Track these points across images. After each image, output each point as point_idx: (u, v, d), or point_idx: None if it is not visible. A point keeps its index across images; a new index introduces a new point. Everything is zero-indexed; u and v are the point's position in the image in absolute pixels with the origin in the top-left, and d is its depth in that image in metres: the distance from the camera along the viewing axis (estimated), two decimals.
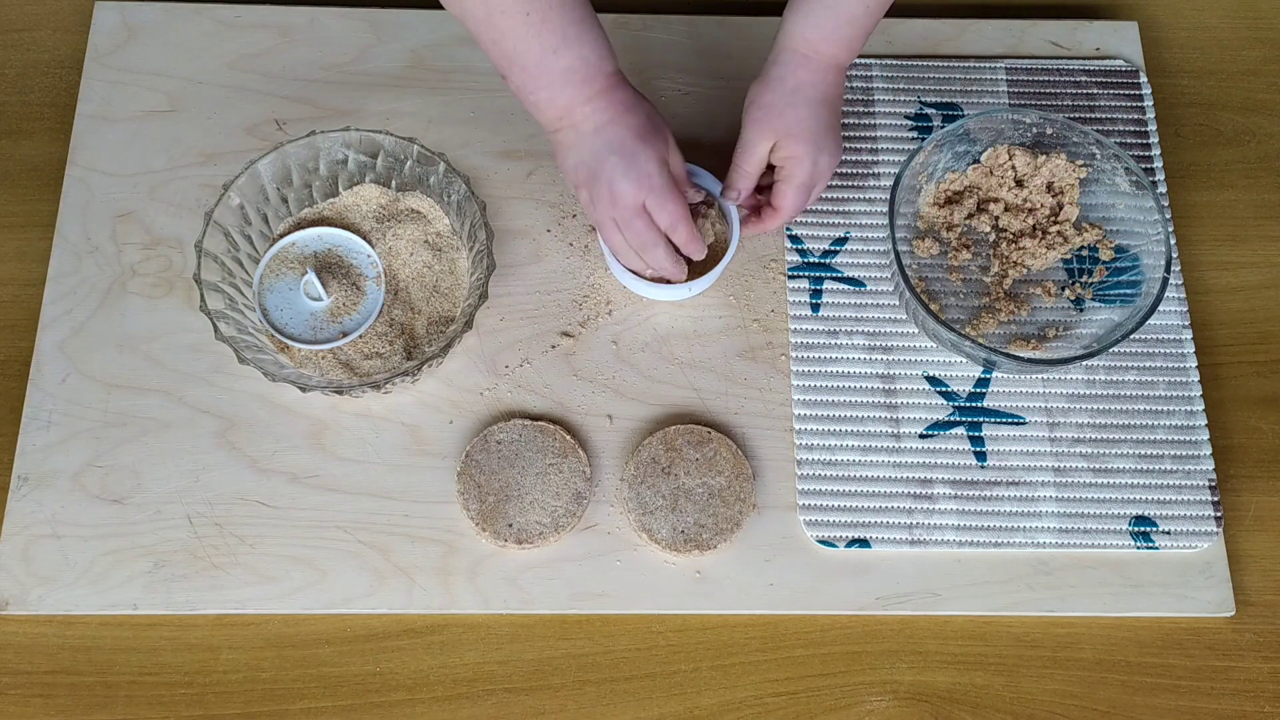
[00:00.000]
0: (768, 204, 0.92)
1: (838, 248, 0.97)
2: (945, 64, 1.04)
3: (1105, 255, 0.95)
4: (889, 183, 0.99)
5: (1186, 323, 0.95)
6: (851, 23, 0.85)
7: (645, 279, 0.91)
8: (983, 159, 0.96)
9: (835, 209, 0.98)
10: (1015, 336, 0.94)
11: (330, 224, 0.94)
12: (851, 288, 0.96)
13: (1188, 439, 0.92)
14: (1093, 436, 0.92)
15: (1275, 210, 1.02)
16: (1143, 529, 0.89)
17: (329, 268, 0.92)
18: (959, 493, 0.90)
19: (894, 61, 1.03)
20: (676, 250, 0.88)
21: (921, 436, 0.91)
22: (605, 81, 0.83)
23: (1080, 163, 0.94)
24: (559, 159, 0.87)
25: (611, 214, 0.85)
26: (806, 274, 0.96)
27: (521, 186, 0.98)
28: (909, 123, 1.02)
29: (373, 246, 0.93)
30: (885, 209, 0.96)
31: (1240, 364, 0.96)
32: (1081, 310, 0.94)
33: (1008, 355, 0.87)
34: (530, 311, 0.94)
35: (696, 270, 0.92)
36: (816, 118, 0.88)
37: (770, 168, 0.91)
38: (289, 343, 0.89)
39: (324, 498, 0.88)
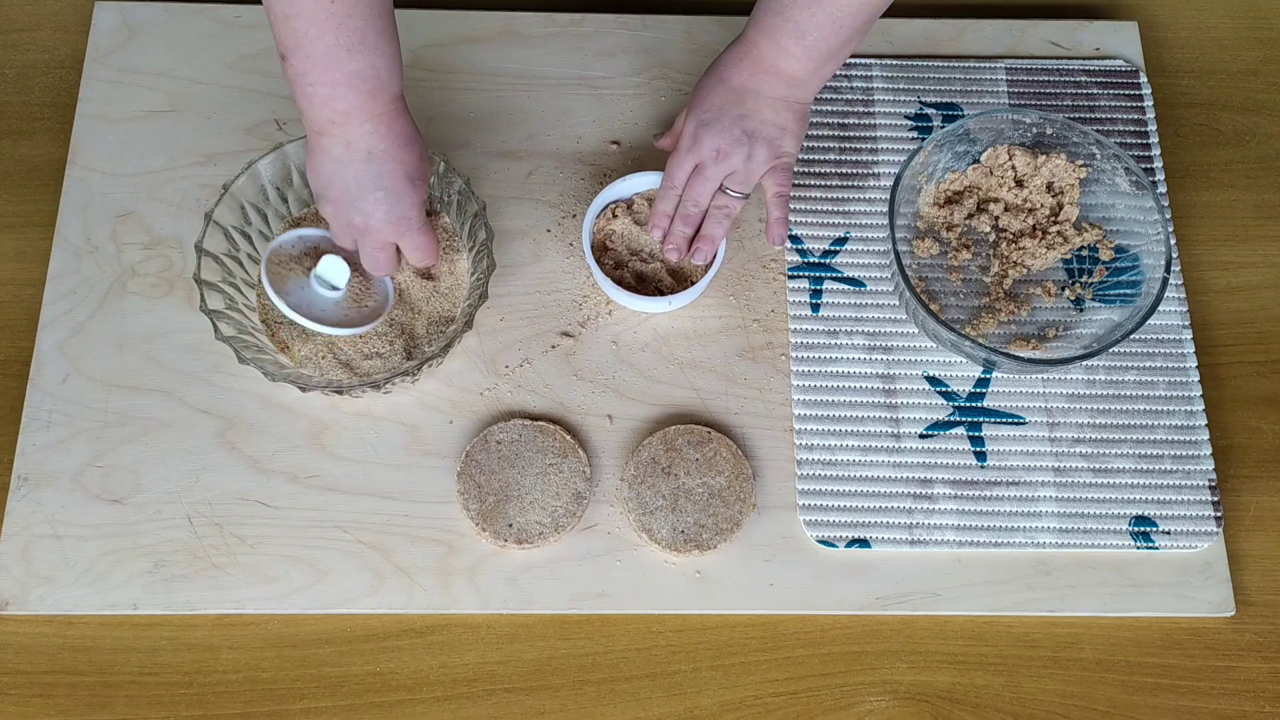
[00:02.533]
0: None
1: (838, 248, 0.97)
2: (945, 64, 1.04)
3: (1105, 255, 0.95)
4: (889, 183, 0.99)
5: (1186, 323, 0.95)
6: (779, 12, 0.85)
7: (630, 290, 0.91)
8: (983, 159, 0.96)
9: (835, 209, 0.98)
10: (1015, 336, 0.94)
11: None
12: (851, 288, 0.96)
13: (1188, 439, 0.92)
14: (1093, 436, 0.92)
15: (1275, 210, 1.02)
16: (1143, 529, 0.89)
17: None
18: (959, 493, 0.90)
19: (894, 61, 1.04)
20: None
21: (921, 436, 0.91)
22: (389, 103, 0.79)
23: (1080, 163, 0.94)
24: (311, 161, 0.82)
25: (354, 235, 0.85)
26: (806, 274, 0.96)
27: (521, 186, 0.98)
28: (909, 123, 1.02)
29: None
30: (885, 209, 0.96)
31: (1240, 364, 0.96)
32: (1081, 310, 0.94)
33: (1008, 355, 0.87)
34: (530, 311, 0.94)
35: (683, 283, 0.93)
36: (709, 87, 0.90)
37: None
38: (319, 328, 0.87)
39: (324, 498, 0.88)
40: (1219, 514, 0.90)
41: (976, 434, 0.92)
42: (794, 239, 0.97)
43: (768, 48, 0.86)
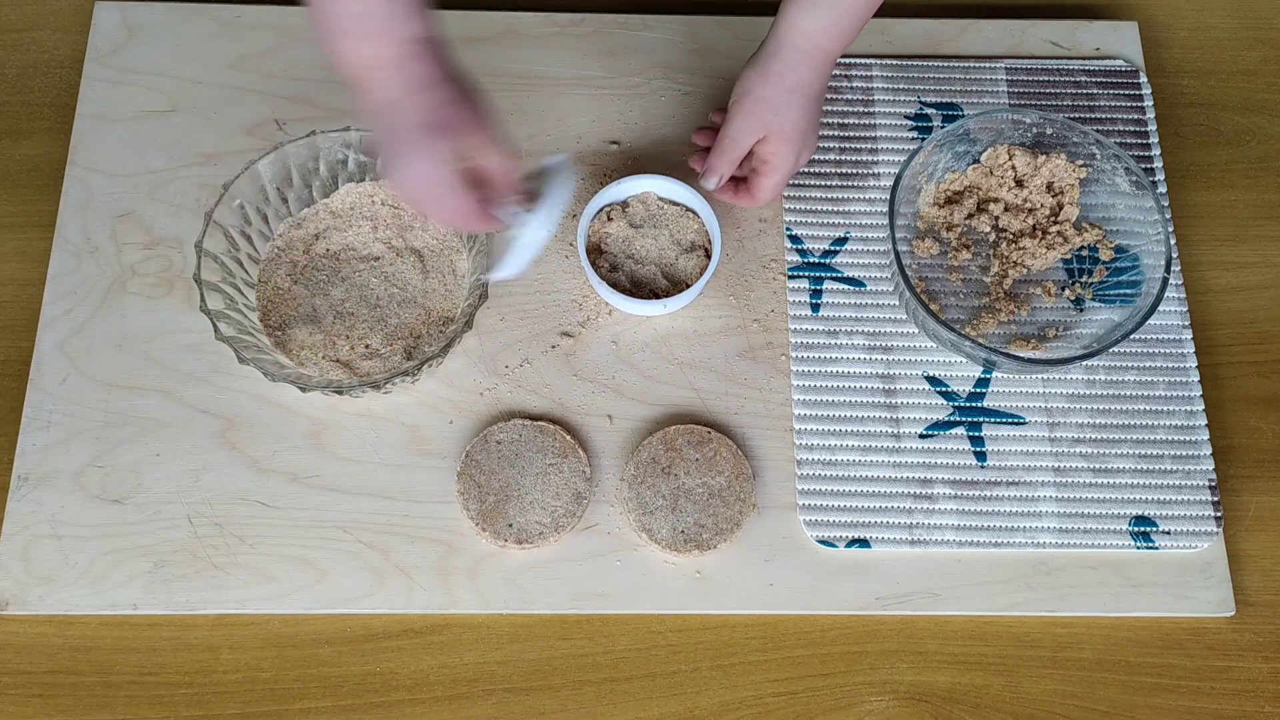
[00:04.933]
0: (743, 184, 0.93)
1: (838, 248, 0.97)
2: (945, 64, 1.04)
3: (1105, 255, 0.95)
4: (889, 183, 0.99)
5: (1186, 323, 0.95)
6: (850, 15, 0.85)
7: (624, 295, 0.91)
8: (983, 159, 0.96)
9: (835, 209, 0.98)
10: (1015, 336, 0.94)
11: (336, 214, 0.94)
12: (851, 288, 0.96)
13: (1188, 439, 0.92)
14: (1093, 436, 0.92)
15: (1275, 210, 1.02)
16: (1143, 529, 0.89)
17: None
18: (959, 493, 0.90)
19: (894, 61, 1.03)
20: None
21: (921, 436, 0.91)
22: (402, 45, 0.74)
23: (1080, 163, 0.94)
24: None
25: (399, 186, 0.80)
26: (806, 274, 0.96)
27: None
28: (909, 123, 1.02)
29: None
30: (885, 209, 0.96)
31: (1240, 364, 0.96)
32: (1081, 310, 0.94)
33: (1008, 355, 0.87)
34: (530, 311, 0.94)
35: (678, 286, 0.93)
36: (807, 117, 0.88)
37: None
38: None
39: (324, 498, 0.88)
40: (1219, 514, 0.90)
41: (976, 434, 0.92)
42: (794, 239, 0.97)
43: (839, 48, 0.87)
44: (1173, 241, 0.96)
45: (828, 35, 0.86)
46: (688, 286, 0.92)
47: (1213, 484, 0.91)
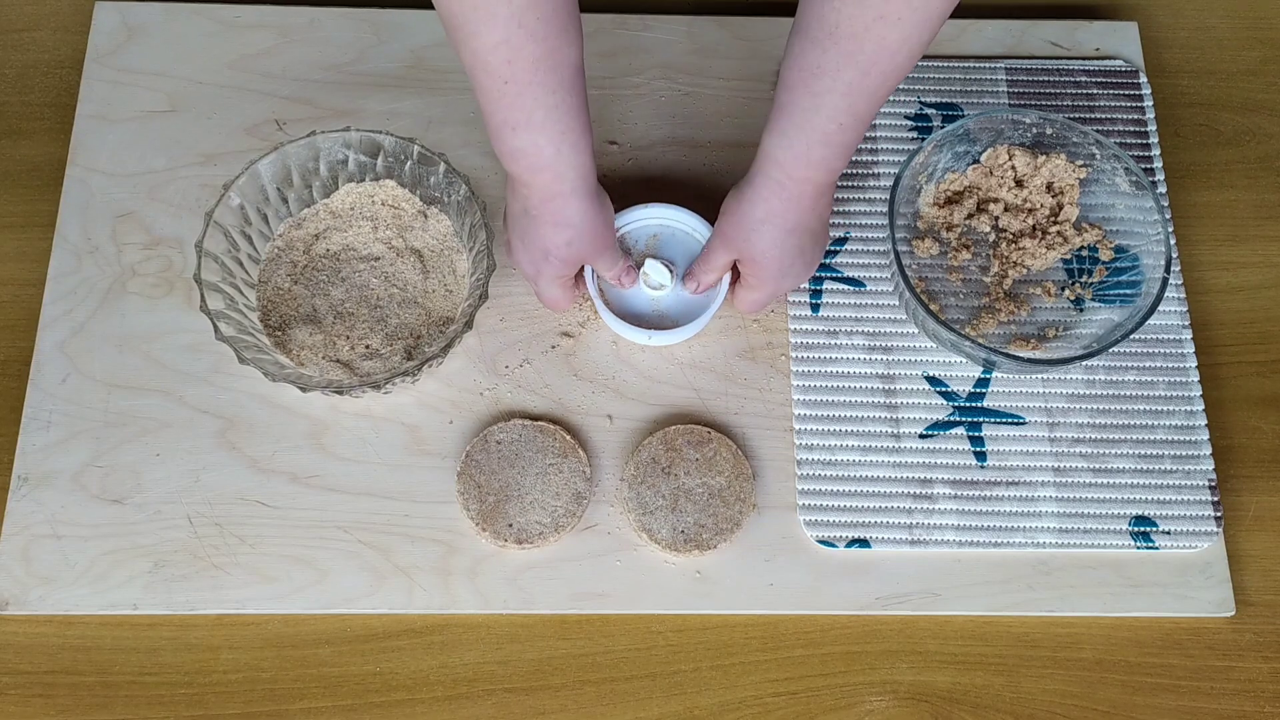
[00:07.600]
0: (733, 286, 0.92)
1: (837, 248, 0.97)
2: (945, 64, 1.04)
3: (1105, 255, 0.95)
4: (889, 183, 0.99)
5: (1186, 323, 0.95)
6: (825, 143, 0.78)
7: (629, 324, 0.91)
8: (983, 159, 0.96)
9: (835, 209, 0.98)
10: (1015, 336, 0.94)
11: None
12: (851, 288, 0.96)
13: (1188, 439, 0.92)
14: (1093, 436, 0.92)
15: (1275, 210, 1.02)
16: (1143, 529, 0.89)
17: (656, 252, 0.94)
18: (959, 493, 0.90)
19: None
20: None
21: (921, 436, 0.91)
22: (551, 182, 0.80)
23: (1080, 163, 0.94)
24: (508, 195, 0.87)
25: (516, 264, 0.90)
26: None
27: None
28: (909, 123, 1.02)
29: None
30: (885, 209, 0.96)
31: (1240, 364, 0.96)
32: (1081, 310, 0.94)
33: (1007, 355, 0.87)
34: (530, 311, 0.95)
35: (683, 318, 0.92)
36: (782, 247, 0.85)
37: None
38: (636, 334, 0.91)
39: (324, 498, 0.88)
40: (1219, 514, 0.90)
41: (976, 434, 0.92)
42: None
43: (824, 176, 0.82)
44: (1173, 241, 0.96)
45: (799, 163, 0.80)
46: (691, 318, 0.92)
47: (1213, 484, 0.91)
